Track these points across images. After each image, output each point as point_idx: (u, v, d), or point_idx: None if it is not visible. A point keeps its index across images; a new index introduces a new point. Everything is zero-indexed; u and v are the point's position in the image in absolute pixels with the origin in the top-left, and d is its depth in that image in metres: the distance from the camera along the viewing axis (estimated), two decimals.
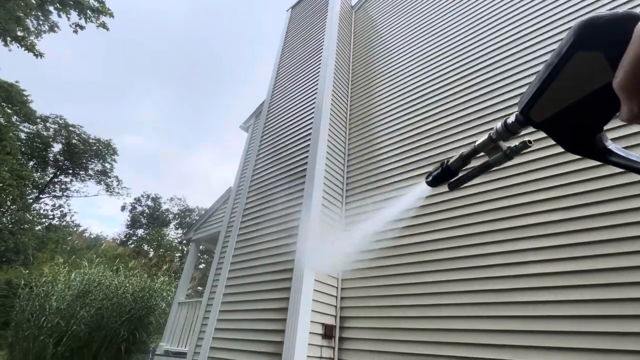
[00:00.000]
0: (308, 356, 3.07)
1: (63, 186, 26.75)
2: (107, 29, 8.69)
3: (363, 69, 5.62)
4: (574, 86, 0.32)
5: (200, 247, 8.01)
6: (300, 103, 5.21)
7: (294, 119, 5.11)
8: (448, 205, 3.37)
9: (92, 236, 32.71)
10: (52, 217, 25.59)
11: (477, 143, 0.52)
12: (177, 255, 30.31)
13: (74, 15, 8.01)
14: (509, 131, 0.45)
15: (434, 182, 0.62)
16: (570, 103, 0.33)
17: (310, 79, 5.38)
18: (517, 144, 0.49)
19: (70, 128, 24.53)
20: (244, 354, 3.49)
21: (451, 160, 0.57)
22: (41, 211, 24.71)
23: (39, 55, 8.60)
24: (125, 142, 64.25)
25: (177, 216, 35.01)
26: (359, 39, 6.27)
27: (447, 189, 0.62)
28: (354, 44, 6.27)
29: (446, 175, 0.59)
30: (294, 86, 5.71)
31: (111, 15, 8.46)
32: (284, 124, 5.26)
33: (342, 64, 5.69)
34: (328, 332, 3.41)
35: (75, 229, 29.39)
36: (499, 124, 0.47)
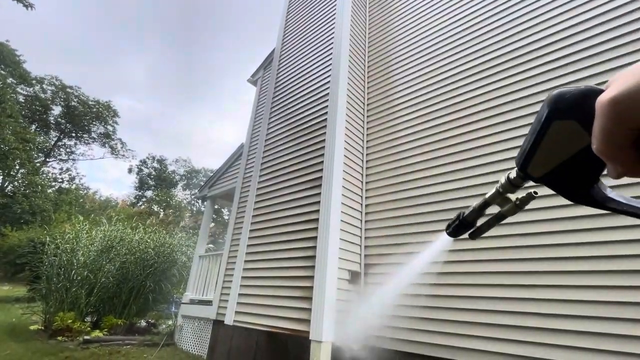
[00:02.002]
0: (337, 299, 3.21)
1: (68, 149, 26.79)
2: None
3: (380, 22, 5.20)
4: (560, 148, 0.36)
5: (215, 205, 8.12)
6: (316, 49, 4.91)
7: (308, 68, 4.85)
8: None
9: (102, 198, 33.44)
10: (61, 180, 25.96)
11: (487, 196, 0.55)
12: (187, 215, 31.15)
13: None
14: (513, 185, 0.49)
15: (454, 233, 0.65)
16: (561, 161, 0.36)
17: (325, 25, 5.02)
18: (524, 195, 0.54)
19: (68, 90, 23.92)
20: (273, 299, 3.67)
21: (467, 213, 0.62)
22: (50, 175, 24.99)
23: (28, 6, 8.04)
24: (120, 104, 62.86)
25: (183, 177, 35.45)
26: None
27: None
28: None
29: (464, 226, 0.63)
30: (306, 33, 5.35)
31: None
32: (298, 74, 5.02)
33: (359, 13, 5.26)
34: (354, 278, 3.53)
35: (85, 191, 29.96)
36: (503, 179, 0.50)
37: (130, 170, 32.80)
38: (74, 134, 26.30)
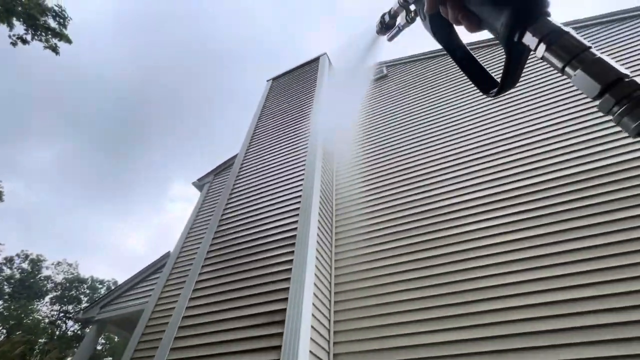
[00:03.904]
0: None
1: None
2: (57, 53, 7.63)
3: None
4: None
5: (104, 332, 5.87)
6: (285, 167, 4.68)
7: (276, 182, 4.48)
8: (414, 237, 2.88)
9: None
10: None
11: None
12: (40, 341, 22.75)
13: (19, 27, 6.91)
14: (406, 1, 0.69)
15: (381, 32, 0.85)
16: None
17: (296, 144, 5.02)
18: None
19: None
20: None
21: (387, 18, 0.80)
22: None
23: None
24: (8, 189, 53.11)
25: (59, 286, 27.71)
26: None
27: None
28: None
29: (386, 27, 0.82)
30: (274, 149, 5.24)
31: (69, 41, 7.55)
32: (261, 185, 4.57)
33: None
34: None
35: None
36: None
37: None
38: None
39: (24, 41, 6.95)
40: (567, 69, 0.33)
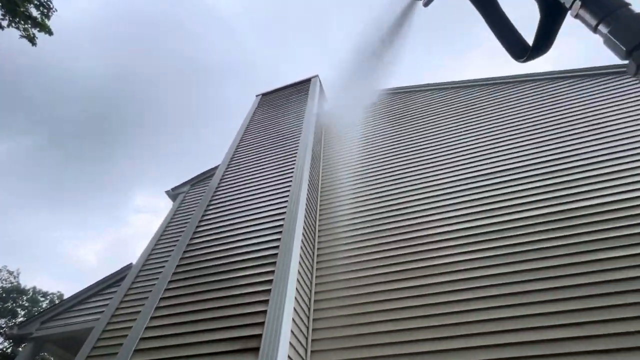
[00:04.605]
0: None
1: None
2: (34, 44, 7.20)
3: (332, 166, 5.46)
4: None
5: (42, 352, 5.15)
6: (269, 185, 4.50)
7: (258, 196, 4.27)
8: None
9: None
10: None
11: None
12: None
13: None
14: None
15: None
16: None
17: (282, 165, 4.88)
18: None
19: None
20: None
21: None
22: None
23: None
24: None
25: None
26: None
27: None
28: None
29: None
30: (258, 164, 5.06)
31: (50, 32, 7.17)
32: (242, 199, 4.34)
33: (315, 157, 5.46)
34: None
35: None
36: None
37: None
38: None
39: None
40: (601, 27, 0.28)
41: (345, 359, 2.87)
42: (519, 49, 0.39)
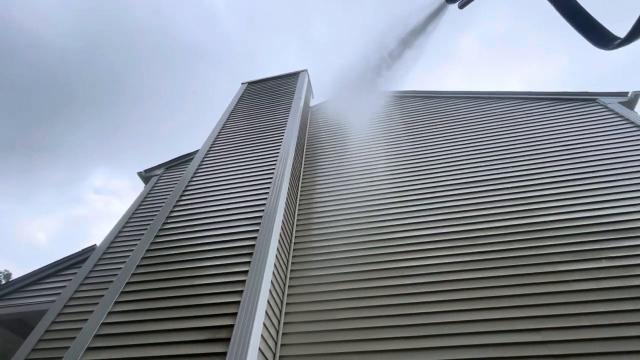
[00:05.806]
0: None
1: None
2: None
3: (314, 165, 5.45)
4: None
5: None
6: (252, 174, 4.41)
7: (238, 184, 4.18)
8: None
9: None
10: None
11: None
12: None
13: None
14: None
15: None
16: None
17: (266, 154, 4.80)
18: None
19: None
20: None
21: None
22: None
23: None
24: None
25: None
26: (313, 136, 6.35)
27: None
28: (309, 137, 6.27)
29: None
30: (240, 152, 4.94)
31: None
32: (220, 186, 4.22)
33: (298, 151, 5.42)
34: None
35: None
36: None
37: None
38: None
39: None
40: None
41: (313, 353, 2.88)
42: (599, 37, 0.39)
